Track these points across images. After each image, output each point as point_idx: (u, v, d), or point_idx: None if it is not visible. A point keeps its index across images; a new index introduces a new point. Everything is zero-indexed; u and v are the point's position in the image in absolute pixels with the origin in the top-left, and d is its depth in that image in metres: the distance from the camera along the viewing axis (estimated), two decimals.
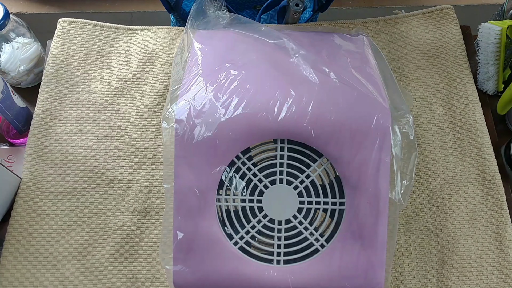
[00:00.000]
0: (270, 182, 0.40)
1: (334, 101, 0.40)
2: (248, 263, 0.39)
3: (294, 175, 0.40)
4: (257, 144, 0.40)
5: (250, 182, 0.40)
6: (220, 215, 0.40)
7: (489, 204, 0.54)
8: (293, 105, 0.39)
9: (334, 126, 0.39)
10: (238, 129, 0.39)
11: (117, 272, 0.50)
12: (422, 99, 0.60)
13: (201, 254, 0.39)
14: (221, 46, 0.47)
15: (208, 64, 0.44)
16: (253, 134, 0.39)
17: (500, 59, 0.58)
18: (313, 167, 0.40)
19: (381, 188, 0.39)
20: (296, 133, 0.39)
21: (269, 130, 0.39)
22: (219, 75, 0.42)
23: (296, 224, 0.40)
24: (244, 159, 0.40)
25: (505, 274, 0.51)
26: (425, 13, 0.66)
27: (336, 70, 0.44)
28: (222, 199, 0.40)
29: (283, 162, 0.40)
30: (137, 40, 0.63)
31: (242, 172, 0.40)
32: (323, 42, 0.50)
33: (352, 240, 0.40)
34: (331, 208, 0.40)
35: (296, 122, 0.39)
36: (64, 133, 0.56)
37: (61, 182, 0.53)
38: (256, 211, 0.40)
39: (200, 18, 0.52)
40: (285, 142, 0.40)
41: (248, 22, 0.50)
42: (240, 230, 0.40)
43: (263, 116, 0.39)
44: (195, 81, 0.42)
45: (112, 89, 0.59)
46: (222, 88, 0.40)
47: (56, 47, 0.61)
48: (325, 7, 0.62)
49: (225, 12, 0.52)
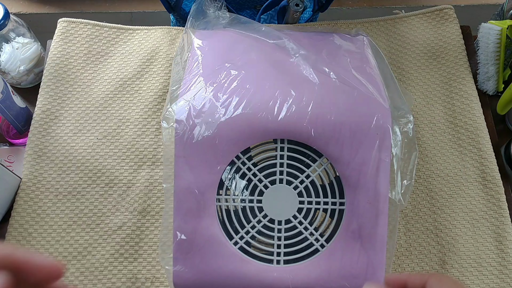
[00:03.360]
0: (270, 182, 0.40)
1: (334, 101, 0.40)
2: (248, 263, 0.39)
3: (294, 175, 0.40)
4: (257, 144, 0.40)
5: (250, 182, 0.40)
6: (220, 215, 0.40)
7: (489, 204, 0.54)
8: (293, 105, 0.39)
9: (334, 126, 0.39)
10: (238, 129, 0.39)
11: (117, 272, 0.50)
12: (422, 99, 0.60)
13: (201, 254, 0.39)
14: (221, 46, 0.47)
15: (208, 64, 0.44)
16: (253, 134, 0.39)
17: (500, 59, 0.58)
18: (313, 167, 0.40)
19: (381, 188, 0.39)
20: (296, 133, 0.39)
21: (269, 130, 0.39)
22: (219, 75, 0.42)
23: (296, 224, 0.40)
24: (244, 159, 0.40)
25: (505, 274, 0.51)
26: (425, 13, 0.66)
27: (336, 70, 0.43)
28: (222, 199, 0.40)
29: (283, 162, 0.40)
30: (137, 40, 0.63)
31: (242, 172, 0.40)
32: (323, 42, 0.50)
33: (352, 240, 0.40)
34: (331, 208, 0.40)
35: (296, 122, 0.39)
36: (64, 133, 0.56)
37: (61, 182, 0.53)
38: (256, 211, 0.40)
39: (200, 18, 0.52)
40: (285, 142, 0.40)
41: (248, 22, 0.50)
42: (240, 230, 0.40)
43: (263, 116, 0.39)
44: (195, 81, 0.42)
45: (112, 89, 0.59)
46: (222, 88, 0.40)
47: (56, 47, 0.61)
48: (325, 7, 0.62)
49: (225, 12, 0.52)
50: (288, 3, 0.57)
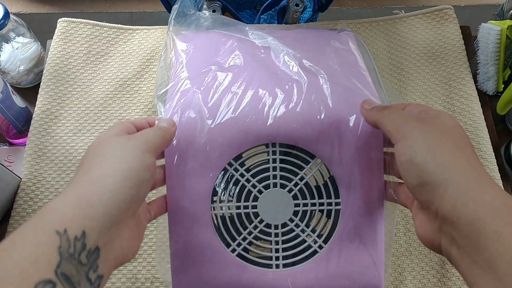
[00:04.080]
0: (264, 186, 0.39)
1: (322, 100, 0.39)
2: (247, 270, 0.39)
3: (288, 178, 0.40)
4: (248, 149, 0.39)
5: (244, 188, 0.39)
6: (216, 223, 0.39)
7: None
8: (282, 107, 0.38)
9: (324, 126, 0.38)
10: (228, 135, 0.38)
11: (117, 272, 0.50)
12: (422, 99, 0.60)
13: (199, 263, 0.39)
14: (206, 48, 0.46)
15: (193, 67, 0.43)
16: (244, 139, 0.38)
17: (500, 59, 0.58)
18: (307, 168, 0.40)
19: (375, 187, 0.39)
20: (287, 135, 0.38)
21: (260, 134, 0.38)
22: (205, 78, 0.41)
23: (292, 227, 0.40)
24: (236, 165, 0.39)
25: None
26: (425, 13, 0.66)
27: (323, 68, 0.43)
28: (216, 207, 0.39)
29: (276, 166, 0.39)
30: (137, 40, 0.63)
31: (235, 179, 0.39)
32: (309, 40, 0.49)
33: (350, 239, 0.39)
34: (327, 208, 0.40)
35: (286, 124, 0.38)
36: (64, 133, 0.56)
37: (61, 182, 0.53)
38: (252, 216, 0.39)
39: (182, 20, 0.51)
40: (277, 146, 0.39)
41: (230, 23, 0.49)
42: (237, 237, 0.39)
43: (252, 120, 0.38)
44: (181, 86, 0.41)
45: (112, 89, 0.59)
46: (209, 92, 0.40)
47: (56, 47, 0.61)
48: (325, 7, 0.62)
49: (205, 13, 0.51)
50: (288, 3, 0.57)
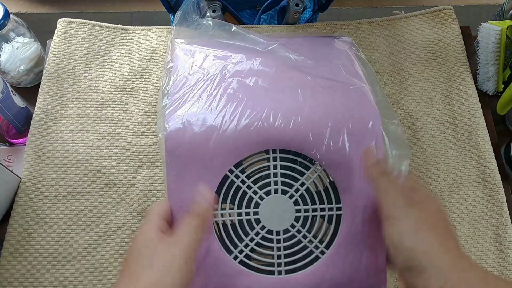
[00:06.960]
0: (265, 193, 0.40)
1: (323, 106, 0.40)
2: (249, 277, 0.39)
3: (289, 184, 0.40)
4: (249, 155, 0.39)
5: (245, 195, 0.39)
6: (218, 231, 0.40)
7: (489, 204, 0.54)
8: (283, 113, 0.39)
9: (324, 132, 0.38)
10: (230, 143, 0.38)
11: (117, 272, 0.50)
12: (422, 99, 0.60)
13: (202, 270, 0.38)
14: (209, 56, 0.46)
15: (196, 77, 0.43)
16: (245, 147, 0.38)
17: (500, 59, 0.58)
18: (307, 174, 0.40)
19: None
20: (288, 142, 0.39)
21: (261, 141, 0.38)
22: (208, 87, 0.41)
23: (294, 233, 0.40)
24: (237, 172, 0.39)
25: (505, 275, 0.51)
26: (425, 14, 0.66)
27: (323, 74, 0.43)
28: (218, 214, 0.39)
29: (276, 172, 0.40)
30: (137, 40, 0.63)
31: (236, 186, 0.39)
32: (310, 47, 0.49)
33: (351, 244, 0.39)
34: (328, 214, 0.40)
35: (287, 130, 0.38)
36: (64, 133, 0.56)
37: (61, 182, 0.53)
38: (254, 223, 0.39)
39: (185, 26, 0.51)
40: (277, 152, 0.40)
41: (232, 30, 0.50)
42: (239, 244, 0.39)
43: (252, 127, 0.38)
44: (184, 95, 0.41)
45: (112, 89, 0.59)
46: (212, 101, 0.40)
47: (56, 47, 0.61)
48: (325, 7, 0.62)
49: (209, 19, 0.52)
50: (288, 3, 0.57)
